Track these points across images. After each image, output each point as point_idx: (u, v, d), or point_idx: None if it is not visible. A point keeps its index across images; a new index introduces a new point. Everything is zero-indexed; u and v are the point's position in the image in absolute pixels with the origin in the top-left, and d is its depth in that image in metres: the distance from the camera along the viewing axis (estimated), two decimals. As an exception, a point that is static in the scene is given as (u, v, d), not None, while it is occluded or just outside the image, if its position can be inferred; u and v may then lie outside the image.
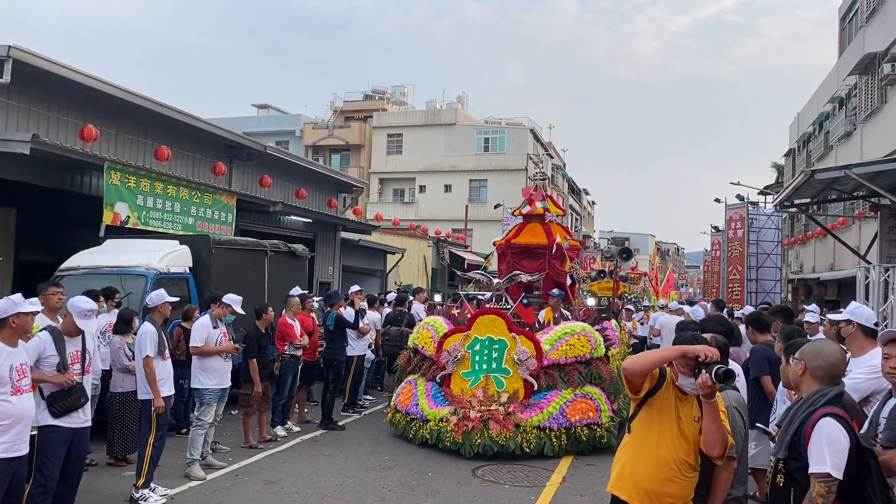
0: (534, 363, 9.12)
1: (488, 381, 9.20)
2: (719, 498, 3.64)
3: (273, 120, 48.93)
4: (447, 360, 9.56)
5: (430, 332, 10.19)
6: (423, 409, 9.24)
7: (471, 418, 8.64)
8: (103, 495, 6.79)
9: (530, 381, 9.05)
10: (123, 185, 12.05)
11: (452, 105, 48.81)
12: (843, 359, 3.47)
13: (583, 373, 9.22)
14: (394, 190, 46.77)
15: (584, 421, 8.79)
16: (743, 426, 3.79)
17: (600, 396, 9.10)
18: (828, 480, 3.00)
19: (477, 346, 9.52)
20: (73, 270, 9.83)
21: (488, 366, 9.35)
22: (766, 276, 24.31)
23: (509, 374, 9.18)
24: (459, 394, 9.17)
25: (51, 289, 6.37)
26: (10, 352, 4.78)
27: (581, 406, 8.87)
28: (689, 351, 3.48)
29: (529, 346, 9.26)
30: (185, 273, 10.39)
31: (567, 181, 58.45)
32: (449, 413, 8.90)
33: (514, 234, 12.86)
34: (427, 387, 9.65)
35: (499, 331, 9.50)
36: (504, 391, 9.05)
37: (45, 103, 12.44)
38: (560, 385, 9.05)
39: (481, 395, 9.00)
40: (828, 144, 24.05)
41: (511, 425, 8.53)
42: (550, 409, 8.77)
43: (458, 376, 9.44)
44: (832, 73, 24.90)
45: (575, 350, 9.29)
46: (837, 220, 21.85)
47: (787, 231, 29.28)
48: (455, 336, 9.72)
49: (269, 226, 17.75)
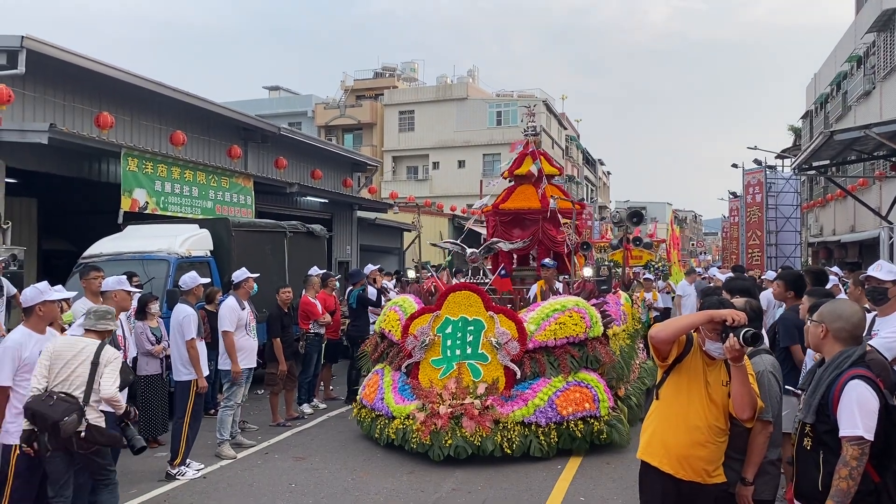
0: (516, 346, 7.69)
1: (462, 370, 7.79)
2: (755, 462, 3.64)
3: (284, 101, 48.92)
4: (413, 346, 8.08)
5: (397, 314, 8.71)
6: (389, 405, 7.91)
7: (440, 415, 7.31)
8: (138, 475, 6.94)
9: (512, 369, 7.65)
10: (141, 171, 12.13)
11: (463, 79, 48.46)
12: (864, 318, 3.46)
13: (576, 356, 7.76)
14: (407, 167, 46.68)
15: (578, 414, 7.40)
16: (778, 390, 3.79)
17: (598, 384, 7.68)
18: (860, 443, 3.00)
19: (448, 329, 8.06)
20: (96, 257, 9.94)
21: (462, 351, 7.91)
22: (785, 240, 24.11)
23: (487, 361, 7.77)
24: (428, 385, 7.80)
25: (92, 273, 6.55)
26: (39, 338, 4.88)
27: (575, 396, 7.47)
28: (715, 315, 3.46)
29: (510, 326, 7.82)
30: (206, 256, 10.49)
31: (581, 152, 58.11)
32: (416, 409, 7.55)
33: (503, 199, 11.48)
34: (394, 378, 8.25)
35: (474, 310, 8.04)
36: (481, 381, 7.66)
37: (61, 92, 12.53)
38: (549, 372, 7.65)
39: (454, 387, 7.61)
40: (846, 104, 23.68)
41: (488, 422, 7.22)
42: (537, 400, 7.40)
43: (426, 365, 8.00)
44: (849, 31, 24.44)
45: (566, 330, 7.81)
46: (857, 181, 21.56)
47: (805, 194, 28.94)
48: (423, 317, 8.22)
49: (285, 207, 17.82)
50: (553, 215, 10.66)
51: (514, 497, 6.37)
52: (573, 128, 56.25)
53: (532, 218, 10.90)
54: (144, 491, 6.55)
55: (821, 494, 3.12)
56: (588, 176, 61.21)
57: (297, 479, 6.91)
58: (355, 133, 47.05)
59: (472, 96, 45.83)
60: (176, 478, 6.83)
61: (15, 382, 4.71)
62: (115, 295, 5.78)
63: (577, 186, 52.26)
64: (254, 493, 6.52)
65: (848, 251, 23.17)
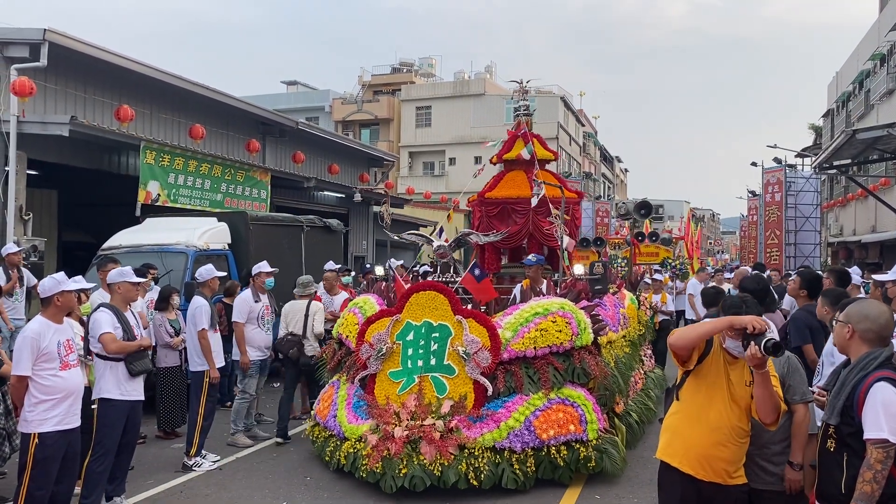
0: (487, 357, 6.47)
1: (424, 385, 6.62)
2: (801, 445, 3.67)
3: (302, 96, 49.03)
4: (368, 356, 6.90)
5: (356, 317, 7.52)
6: (342, 423, 6.79)
7: (394, 438, 6.20)
8: (155, 465, 6.99)
9: (483, 383, 6.45)
10: (158, 163, 12.21)
11: (480, 75, 48.35)
12: (891, 319, 3.40)
13: (560, 369, 6.56)
14: (423, 163, 46.66)
15: (561, 437, 6.28)
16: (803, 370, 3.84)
17: (586, 402, 6.51)
18: (886, 446, 2.95)
19: (410, 336, 6.87)
20: (115, 249, 10.01)
21: (425, 362, 6.70)
22: (804, 239, 23.91)
23: (454, 374, 6.59)
24: (384, 402, 6.64)
25: (109, 265, 6.74)
26: (57, 328, 4.90)
27: (557, 416, 6.34)
28: (735, 322, 3.41)
29: (481, 332, 6.61)
30: (224, 249, 10.54)
31: (599, 149, 57.87)
32: (369, 430, 6.44)
33: (491, 187, 10.19)
34: (349, 392, 7.10)
35: (440, 313, 6.84)
36: (446, 397, 6.51)
37: (82, 85, 12.63)
38: (527, 387, 6.44)
39: (413, 405, 6.48)
40: (869, 103, 23.40)
41: (451, 447, 6.09)
42: (511, 422, 6.23)
43: (383, 378, 6.83)
44: (873, 28, 24.14)
45: (549, 337, 6.60)
46: (879, 180, 21.31)
47: (826, 194, 28.66)
48: (381, 322, 7.00)
49: (302, 201, 17.89)
50: (544, 204, 9.28)
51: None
52: (591, 124, 56.00)
53: (523, 208, 9.60)
54: (161, 482, 6.58)
55: (844, 497, 3.07)
56: (605, 173, 60.98)
57: (312, 473, 6.91)
58: (372, 128, 47.08)
59: (489, 92, 45.70)
60: (192, 469, 6.86)
61: (34, 372, 4.73)
62: (119, 287, 5.80)
63: (595, 183, 52.04)
64: (270, 486, 6.53)
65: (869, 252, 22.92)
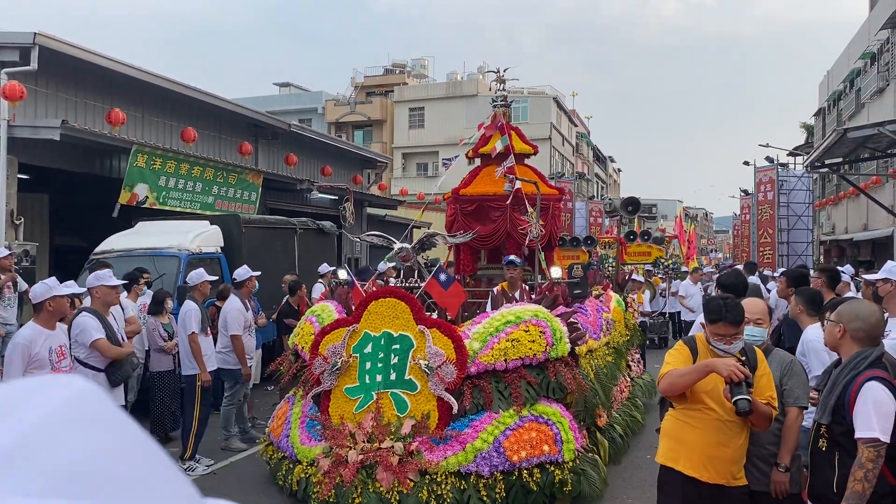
0: (452, 371, 5.85)
1: (383, 402, 6.03)
2: (791, 448, 3.68)
3: (295, 98, 48.95)
4: (322, 370, 6.25)
5: (313, 326, 6.91)
6: (294, 444, 6.25)
7: (347, 463, 5.63)
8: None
9: (448, 400, 5.83)
10: (149, 167, 12.18)
11: (473, 76, 48.31)
12: (882, 319, 3.42)
13: (534, 383, 5.94)
14: (417, 164, 46.64)
15: (534, 459, 5.66)
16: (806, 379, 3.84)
17: (561, 419, 5.91)
18: (876, 445, 2.98)
19: (368, 348, 6.26)
20: (107, 253, 9.98)
21: (384, 377, 6.10)
22: (797, 238, 23.98)
23: (415, 390, 5.99)
24: (339, 422, 6.04)
25: (101, 269, 6.57)
26: (50, 334, 4.89)
27: (530, 436, 5.73)
28: (714, 370, 3.41)
29: (446, 343, 5.98)
30: (216, 253, 10.51)
31: (592, 149, 57.96)
32: (322, 453, 5.87)
33: (466, 183, 9.47)
34: (304, 409, 6.51)
35: (400, 322, 6.22)
36: (407, 416, 5.91)
37: (73, 89, 12.58)
38: (497, 404, 5.83)
39: (370, 425, 5.87)
40: (859, 102, 23.52)
41: (411, 473, 5.51)
42: (479, 443, 5.62)
43: (339, 394, 6.22)
44: (863, 27, 24.26)
45: (521, 348, 5.98)
46: (870, 178, 21.42)
47: (818, 192, 28.78)
48: (336, 332, 6.40)
49: (295, 204, 17.86)
50: (518, 199, 8.59)
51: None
52: (583, 125, 56.09)
53: (500, 206, 8.98)
54: (155, 487, 6.56)
55: (835, 496, 3.10)
56: (598, 173, 61.07)
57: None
58: (365, 129, 47.05)
59: (482, 93, 45.65)
60: (186, 473, 6.82)
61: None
62: (97, 291, 5.73)
63: (588, 184, 52.11)
64: (264, 489, 6.52)
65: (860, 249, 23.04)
